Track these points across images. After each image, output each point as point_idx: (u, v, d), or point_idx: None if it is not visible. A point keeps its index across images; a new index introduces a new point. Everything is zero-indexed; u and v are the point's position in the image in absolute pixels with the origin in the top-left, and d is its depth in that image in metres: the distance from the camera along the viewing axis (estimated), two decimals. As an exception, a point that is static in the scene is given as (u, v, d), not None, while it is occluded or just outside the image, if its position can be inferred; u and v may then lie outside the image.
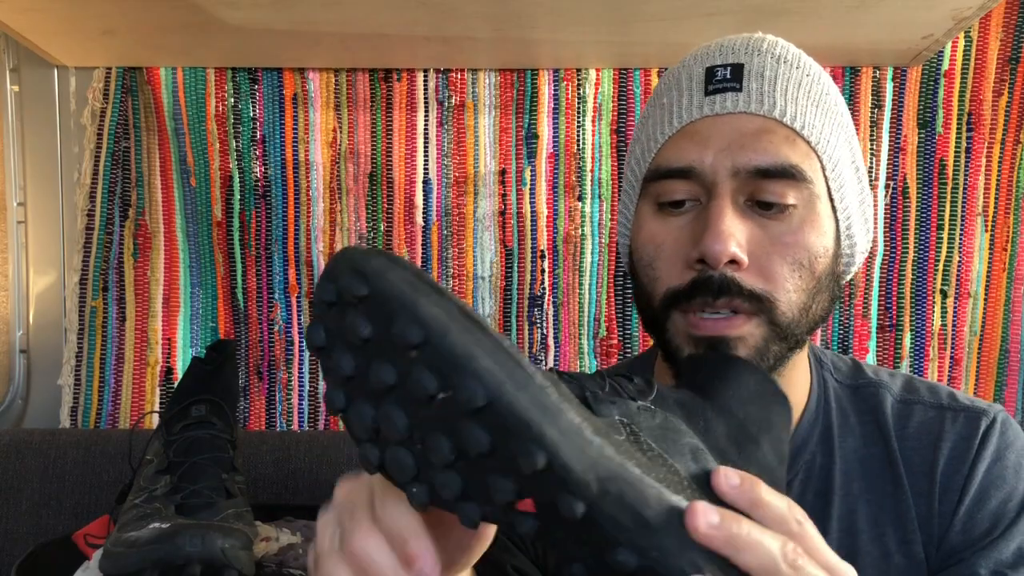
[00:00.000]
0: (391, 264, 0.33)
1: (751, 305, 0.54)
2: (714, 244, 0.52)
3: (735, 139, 0.54)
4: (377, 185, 1.21)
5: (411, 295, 0.32)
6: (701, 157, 0.55)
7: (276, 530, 0.85)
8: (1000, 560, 0.56)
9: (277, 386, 1.22)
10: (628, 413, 0.37)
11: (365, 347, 0.34)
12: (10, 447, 1.06)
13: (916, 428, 0.62)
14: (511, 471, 0.32)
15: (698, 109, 0.56)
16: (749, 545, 0.35)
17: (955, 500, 0.59)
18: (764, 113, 0.55)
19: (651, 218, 0.58)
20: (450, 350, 0.31)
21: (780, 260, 0.54)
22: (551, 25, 1.01)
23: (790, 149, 0.54)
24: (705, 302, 0.54)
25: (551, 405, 0.32)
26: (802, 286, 0.55)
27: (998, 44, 1.14)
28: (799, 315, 0.55)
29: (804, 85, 0.57)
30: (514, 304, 1.21)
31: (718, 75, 0.56)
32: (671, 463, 0.37)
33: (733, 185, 0.54)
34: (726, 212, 0.53)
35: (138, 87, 1.19)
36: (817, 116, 0.56)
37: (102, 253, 1.20)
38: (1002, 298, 1.16)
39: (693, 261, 0.54)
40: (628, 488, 0.33)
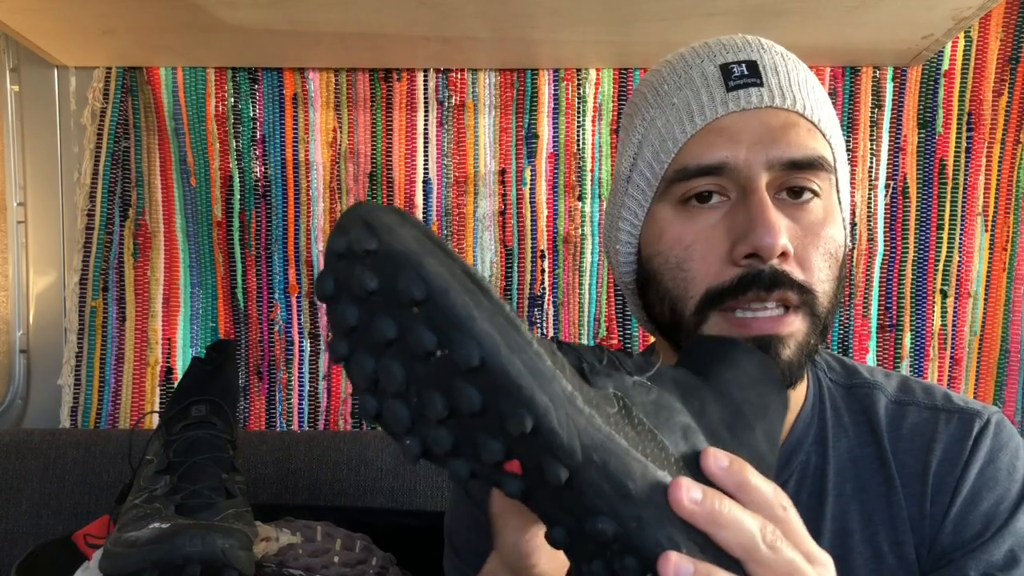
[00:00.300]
0: (401, 221, 0.34)
1: (799, 297, 0.53)
2: (766, 236, 0.52)
3: (764, 133, 0.55)
4: (377, 185, 1.21)
5: (417, 252, 0.33)
6: (735, 153, 0.54)
7: (276, 530, 0.85)
8: (991, 562, 0.56)
9: (277, 386, 1.22)
10: (623, 387, 0.38)
11: (370, 300, 0.34)
12: (10, 447, 1.06)
13: (910, 429, 0.62)
14: (500, 432, 0.33)
15: (723, 105, 0.56)
16: (730, 523, 0.35)
17: (947, 501, 0.59)
18: (788, 107, 0.55)
19: (674, 218, 0.57)
20: (450, 309, 0.32)
21: (814, 250, 0.55)
22: (551, 25, 1.01)
23: (813, 141, 0.55)
24: (758, 296, 0.53)
25: (544, 371, 0.33)
26: (832, 276, 0.55)
27: (998, 44, 1.14)
28: (831, 306, 0.56)
29: (810, 81, 0.58)
30: (514, 304, 1.21)
31: (735, 71, 0.56)
32: (660, 439, 0.37)
33: (767, 178, 0.54)
34: (769, 204, 0.53)
35: (138, 87, 1.19)
36: (825, 109, 0.57)
37: (102, 253, 1.20)
38: (1002, 298, 1.16)
39: (740, 257, 0.53)
40: (612, 458, 0.34)
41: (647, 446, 0.36)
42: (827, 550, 0.57)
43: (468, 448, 0.34)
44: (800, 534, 0.38)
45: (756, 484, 0.38)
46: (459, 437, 0.34)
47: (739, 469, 0.38)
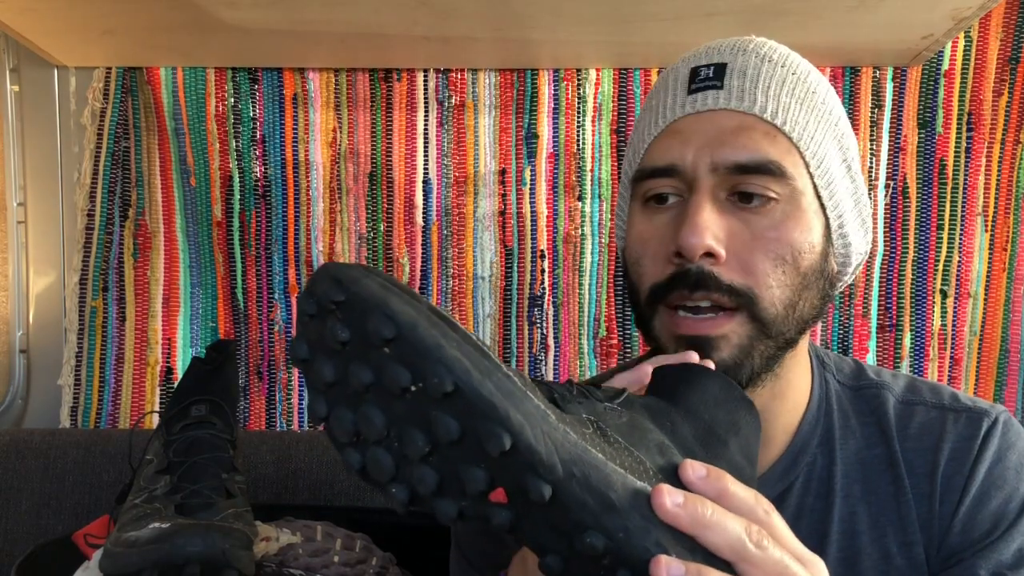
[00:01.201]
0: (365, 272, 0.36)
1: (731, 300, 0.54)
2: (689, 236, 0.53)
3: (715, 136, 0.55)
4: (377, 185, 1.21)
5: (383, 295, 0.34)
6: (683, 155, 0.55)
7: (276, 530, 0.85)
8: (1000, 561, 0.56)
9: (277, 386, 1.22)
10: (595, 412, 0.39)
11: (343, 351, 0.36)
12: (10, 447, 1.06)
13: (918, 429, 0.62)
14: (481, 457, 0.34)
15: (680, 108, 0.57)
16: (714, 524, 0.36)
17: (955, 501, 0.59)
18: (744, 109, 0.55)
19: (639, 216, 0.59)
20: (420, 341, 0.33)
21: (762, 255, 0.54)
22: (551, 25, 1.01)
23: (770, 145, 0.55)
24: (682, 295, 0.54)
25: (515, 391, 0.34)
26: (786, 281, 0.55)
27: (998, 44, 1.14)
28: (784, 311, 0.55)
29: (788, 83, 0.57)
30: (514, 304, 1.21)
31: (701, 74, 0.57)
32: (637, 455, 0.38)
33: (713, 181, 0.55)
34: (703, 206, 0.54)
35: (138, 87, 1.19)
36: (801, 113, 0.56)
37: (102, 253, 1.20)
38: (1002, 298, 1.16)
39: (671, 255, 0.55)
40: (593, 471, 0.34)
41: (625, 460, 0.37)
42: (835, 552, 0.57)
43: (452, 483, 0.35)
44: (785, 536, 0.38)
45: (735, 491, 0.38)
46: (442, 472, 0.35)
47: (717, 477, 0.38)
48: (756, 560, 0.36)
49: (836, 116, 0.59)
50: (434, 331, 0.34)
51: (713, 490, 0.38)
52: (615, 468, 0.35)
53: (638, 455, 0.38)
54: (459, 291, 1.21)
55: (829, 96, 0.59)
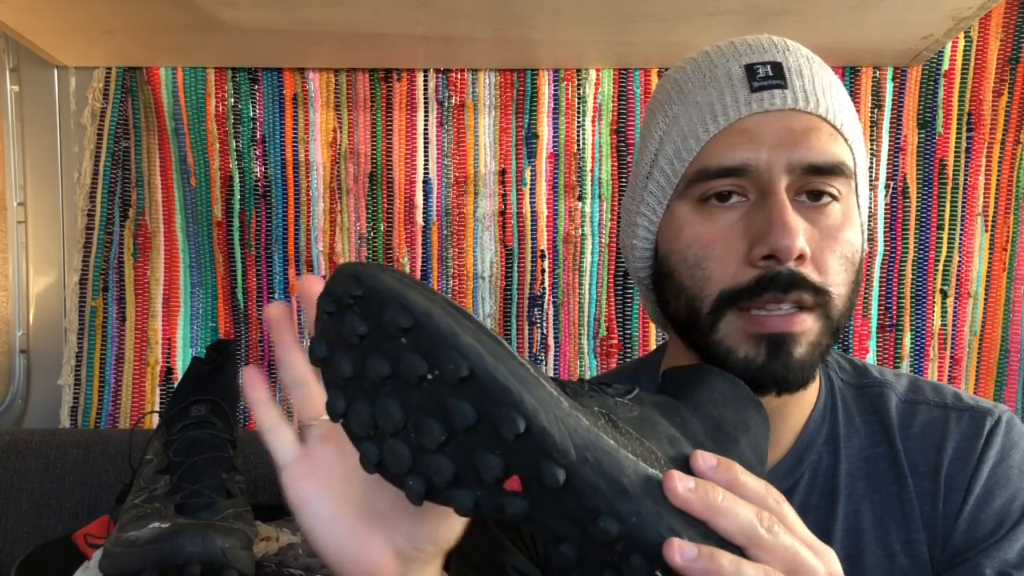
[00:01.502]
0: (383, 268, 0.37)
1: (814, 299, 0.54)
2: (783, 238, 0.52)
3: (787, 136, 0.55)
4: (377, 185, 1.21)
5: (399, 288, 0.36)
6: (756, 155, 0.54)
7: (276, 530, 0.85)
8: (1005, 560, 0.56)
9: (277, 386, 1.22)
10: (606, 405, 0.40)
11: (361, 345, 0.37)
12: (10, 447, 1.06)
13: (921, 428, 0.62)
14: (496, 443, 0.35)
15: (746, 106, 0.56)
16: (726, 510, 0.36)
17: (959, 500, 0.59)
18: (811, 110, 0.55)
19: (693, 216, 0.57)
20: (435, 329, 0.34)
21: (831, 254, 0.55)
22: (551, 25, 1.01)
23: (835, 146, 0.55)
24: (774, 298, 0.53)
25: (528, 377, 0.35)
26: (848, 279, 0.56)
27: (998, 44, 1.14)
28: (846, 309, 0.56)
29: (834, 85, 0.58)
30: (514, 304, 1.21)
31: (760, 72, 0.56)
32: (648, 445, 0.38)
33: (787, 181, 0.54)
34: (788, 207, 0.53)
35: (138, 87, 1.19)
36: (848, 115, 0.57)
37: (102, 253, 1.20)
38: (1002, 298, 1.16)
39: (757, 258, 0.54)
40: (605, 456, 0.35)
41: (636, 448, 0.37)
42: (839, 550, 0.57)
43: (468, 472, 0.36)
44: (796, 524, 0.39)
45: (746, 480, 0.38)
46: (459, 461, 0.36)
47: (728, 467, 0.39)
48: (767, 545, 0.36)
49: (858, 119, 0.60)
50: (449, 319, 0.35)
51: (724, 479, 0.38)
52: (627, 455, 0.36)
53: (649, 445, 0.38)
54: (459, 291, 1.21)
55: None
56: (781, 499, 0.39)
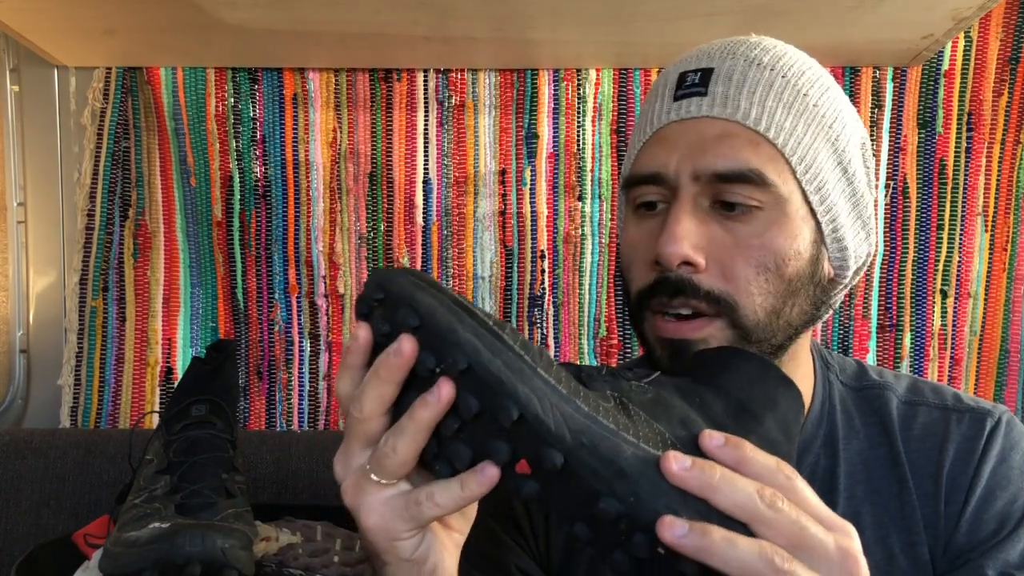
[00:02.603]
0: (402, 273, 0.41)
1: (710, 306, 0.54)
2: (666, 245, 0.53)
3: (697, 143, 0.55)
4: (377, 185, 1.21)
5: (410, 290, 0.40)
6: (667, 162, 0.56)
7: (276, 530, 0.85)
8: (1007, 561, 0.56)
9: (277, 386, 1.22)
10: (620, 389, 0.42)
11: (386, 342, 0.41)
12: (10, 447, 1.06)
13: (921, 429, 0.62)
14: (499, 430, 0.38)
15: (666, 115, 0.57)
16: (723, 486, 0.36)
17: (961, 501, 0.59)
18: (727, 116, 0.55)
19: (630, 222, 0.60)
20: (437, 327, 0.38)
21: (743, 262, 0.54)
22: (551, 25, 1.01)
23: (752, 153, 0.54)
24: (662, 302, 0.55)
25: (523, 369, 0.38)
26: (769, 289, 0.55)
27: (998, 44, 1.14)
28: (767, 318, 0.55)
29: (776, 87, 0.56)
30: (514, 304, 1.21)
31: (687, 80, 0.57)
32: (657, 427, 0.40)
33: (695, 189, 0.55)
34: (682, 215, 0.54)
35: (138, 87, 1.19)
36: (788, 118, 0.55)
37: (102, 253, 1.20)
38: (1002, 298, 1.16)
39: (652, 263, 0.56)
40: (602, 440, 0.37)
41: (641, 430, 0.39)
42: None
43: (483, 456, 0.40)
44: (809, 499, 0.38)
45: (755, 457, 0.38)
46: (474, 447, 0.40)
47: (736, 444, 0.39)
48: (769, 520, 0.36)
49: (830, 118, 0.57)
50: (451, 317, 0.38)
51: (731, 457, 0.38)
52: (627, 437, 0.37)
53: (657, 427, 0.39)
54: (459, 291, 1.21)
55: (824, 97, 0.57)
56: (793, 475, 0.39)
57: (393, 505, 0.42)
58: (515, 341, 0.38)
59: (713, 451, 0.39)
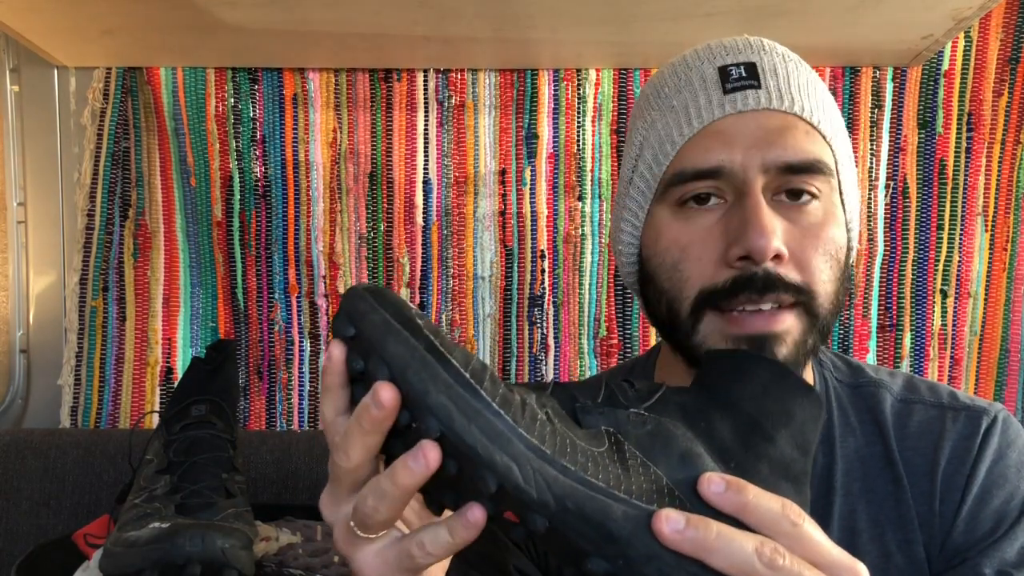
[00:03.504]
0: (373, 306, 0.37)
1: (794, 298, 0.54)
2: (759, 239, 0.52)
3: (761, 136, 0.55)
4: (377, 185, 1.21)
5: (381, 337, 0.36)
6: (730, 156, 0.55)
7: (276, 530, 0.85)
8: (1004, 560, 0.56)
9: (277, 386, 1.22)
10: (616, 422, 0.39)
11: (363, 380, 0.38)
12: (10, 447, 1.06)
13: (917, 427, 0.62)
14: (481, 493, 0.35)
15: (719, 108, 0.56)
16: (719, 548, 0.35)
17: (957, 500, 0.58)
18: (785, 109, 0.55)
19: (672, 220, 0.58)
20: (409, 387, 0.35)
21: (813, 251, 0.55)
22: (551, 25, 1.01)
23: (811, 144, 0.55)
24: (750, 299, 0.53)
25: (503, 432, 0.35)
26: (833, 276, 0.55)
27: (998, 44, 1.14)
28: (832, 306, 0.56)
29: (812, 82, 0.58)
30: (514, 304, 1.21)
31: (733, 73, 0.56)
32: (653, 470, 0.37)
33: (763, 181, 0.54)
34: (763, 208, 0.53)
35: (138, 87, 1.19)
36: (827, 112, 0.57)
37: (102, 253, 1.20)
38: (1002, 298, 1.16)
39: (733, 259, 0.54)
40: (588, 502, 0.35)
41: (635, 480, 0.36)
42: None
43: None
44: (817, 544, 0.37)
45: (758, 503, 0.36)
46: (461, 497, 0.37)
47: (738, 490, 0.37)
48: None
49: (841, 115, 0.60)
50: (423, 374, 0.35)
51: (732, 505, 0.36)
52: (617, 494, 0.35)
53: (654, 471, 0.37)
54: (459, 291, 1.21)
55: (832, 96, 0.61)
56: (800, 518, 0.37)
57: (386, 557, 0.40)
58: (494, 396, 0.35)
59: (712, 499, 0.37)
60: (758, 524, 0.36)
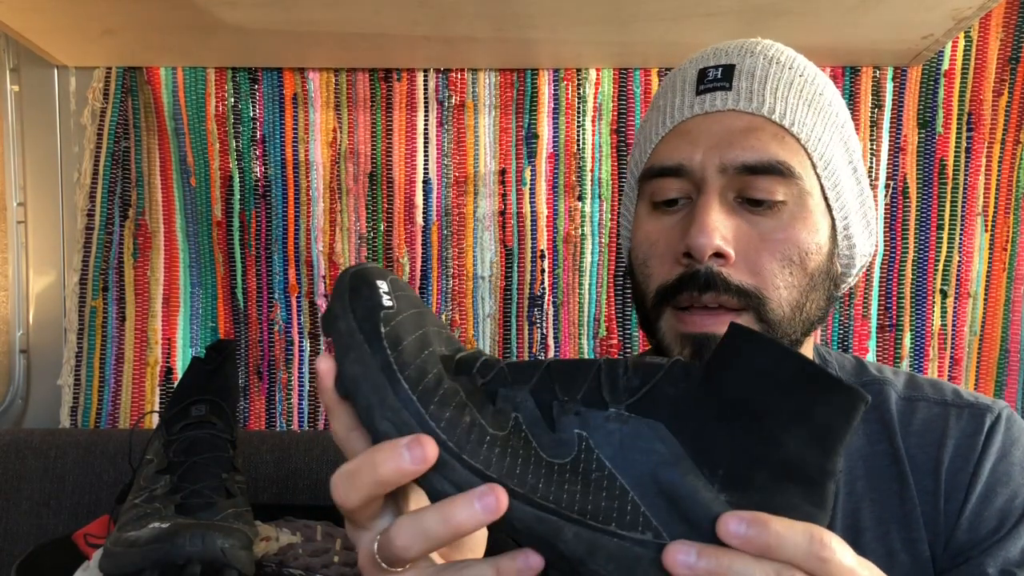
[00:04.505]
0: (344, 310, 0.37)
1: (739, 301, 0.54)
2: (698, 237, 0.53)
3: (724, 136, 0.55)
4: (377, 185, 1.21)
5: (344, 350, 0.36)
6: (691, 155, 0.56)
7: (276, 530, 0.85)
8: (1008, 559, 0.56)
9: (277, 386, 1.22)
10: (591, 425, 0.36)
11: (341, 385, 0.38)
12: (10, 447, 1.06)
13: (920, 425, 0.61)
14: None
15: (689, 108, 0.57)
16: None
17: (961, 498, 0.58)
18: (753, 111, 0.56)
19: (647, 217, 0.59)
20: (360, 407, 0.36)
21: (769, 256, 0.54)
22: (551, 25, 1.01)
23: (778, 146, 0.55)
24: (691, 297, 0.54)
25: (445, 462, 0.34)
26: (794, 283, 0.55)
27: (998, 44, 1.14)
28: (791, 313, 0.55)
29: (796, 85, 0.57)
30: (514, 304, 1.21)
31: (709, 75, 0.57)
32: (620, 483, 0.35)
33: (722, 182, 0.55)
34: (712, 207, 0.54)
35: (138, 87, 1.19)
36: (808, 115, 0.56)
37: (102, 253, 1.20)
38: (1002, 298, 1.16)
39: (680, 256, 0.55)
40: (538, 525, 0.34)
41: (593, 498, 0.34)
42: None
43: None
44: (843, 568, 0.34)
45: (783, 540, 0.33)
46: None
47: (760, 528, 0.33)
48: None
49: (842, 119, 0.59)
50: (372, 398, 0.35)
51: (757, 546, 0.33)
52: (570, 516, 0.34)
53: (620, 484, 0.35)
54: (459, 291, 1.21)
55: (835, 99, 0.59)
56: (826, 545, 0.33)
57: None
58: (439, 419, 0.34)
59: (735, 543, 0.33)
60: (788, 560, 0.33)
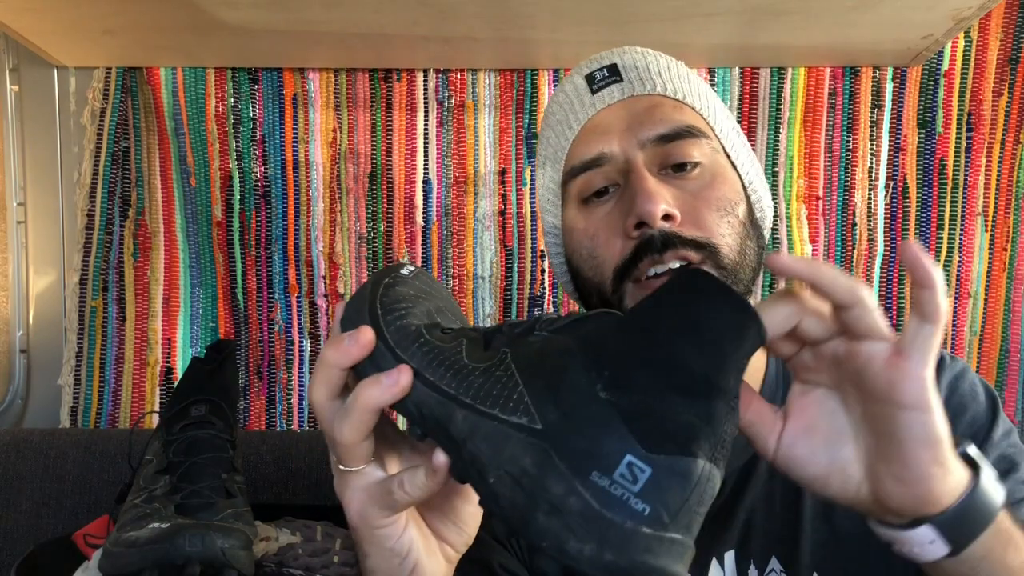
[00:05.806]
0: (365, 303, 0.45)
1: (697, 253, 0.57)
2: (646, 204, 0.56)
3: (632, 119, 0.60)
4: (377, 185, 1.21)
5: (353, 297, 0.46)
6: (607, 143, 0.60)
7: (276, 530, 0.85)
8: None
9: (277, 386, 1.22)
10: (514, 344, 0.42)
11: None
12: (10, 447, 1.06)
13: None
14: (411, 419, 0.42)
15: (591, 107, 0.62)
16: (829, 272, 0.40)
17: None
18: (648, 92, 0.61)
19: (579, 216, 0.63)
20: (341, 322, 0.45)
21: (707, 210, 0.58)
22: (551, 25, 1.01)
23: (681, 115, 0.61)
24: (653, 260, 0.57)
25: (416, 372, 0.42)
26: (733, 231, 0.59)
27: (998, 44, 1.14)
28: (739, 257, 0.59)
29: (673, 68, 0.64)
30: (514, 304, 1.21)
31: (598, 77, 0.63)
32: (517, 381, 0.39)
33: (644, 157, 0.59)
34: (647, 176, 0.58)
35: (138, 87, 1.19)
36: (692, 89, 0.63)
37: (102, 253, 1.20)
38: (1002, 298, 1.16)
39: (631, 229, 0.58)
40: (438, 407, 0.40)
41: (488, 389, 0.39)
42: (809, 504, 0.59)
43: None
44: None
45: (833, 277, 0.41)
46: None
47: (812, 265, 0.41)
48: (871, 305, 0.42)
49: (717, 96, 0.66)
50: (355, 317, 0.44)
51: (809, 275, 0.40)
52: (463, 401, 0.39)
53: (518, 382, 0.39)
54: (459, 291, 1.21)
55: (705, 83, 0.67)
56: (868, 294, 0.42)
57: (370, 492, 0.44)
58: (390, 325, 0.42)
59: (788, 268, 0.40)
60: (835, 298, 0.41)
